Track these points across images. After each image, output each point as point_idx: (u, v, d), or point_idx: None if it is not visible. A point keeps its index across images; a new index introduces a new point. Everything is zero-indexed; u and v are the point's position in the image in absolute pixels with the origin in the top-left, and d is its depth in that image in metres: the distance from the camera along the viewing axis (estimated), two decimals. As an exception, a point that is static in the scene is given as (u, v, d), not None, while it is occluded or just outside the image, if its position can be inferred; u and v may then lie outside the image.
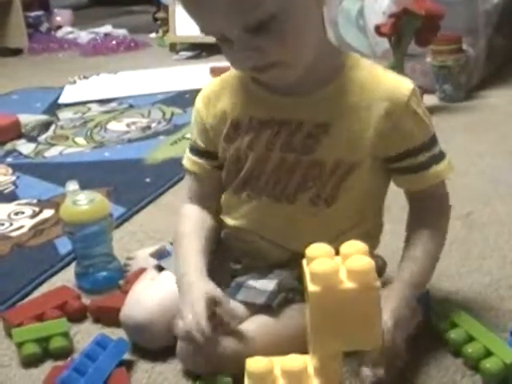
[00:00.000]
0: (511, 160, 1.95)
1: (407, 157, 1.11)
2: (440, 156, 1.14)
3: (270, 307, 1.12)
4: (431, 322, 1.20)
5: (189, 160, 1.26)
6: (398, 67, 2.37)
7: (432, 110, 2.44)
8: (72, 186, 1.42)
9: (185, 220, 1.24)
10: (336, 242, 1.12)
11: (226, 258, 1.24)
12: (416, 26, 2.29)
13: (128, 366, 1.18)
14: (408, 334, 1.14)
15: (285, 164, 1.13)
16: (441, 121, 2.34)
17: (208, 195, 1.26)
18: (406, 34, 2.31)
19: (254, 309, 1.13)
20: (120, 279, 1.43)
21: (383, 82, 1.10)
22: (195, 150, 1.25)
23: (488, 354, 1.10)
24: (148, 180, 2.00)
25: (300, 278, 1.11)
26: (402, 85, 1.10)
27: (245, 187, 1.18)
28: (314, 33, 1.07)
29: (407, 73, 2.46)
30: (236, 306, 1.12)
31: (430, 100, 2.51)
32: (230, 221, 1.21)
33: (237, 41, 1.02)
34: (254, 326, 1.11)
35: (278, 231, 1.16)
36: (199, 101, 1.22)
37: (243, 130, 1.16)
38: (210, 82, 1.24)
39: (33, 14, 4.49)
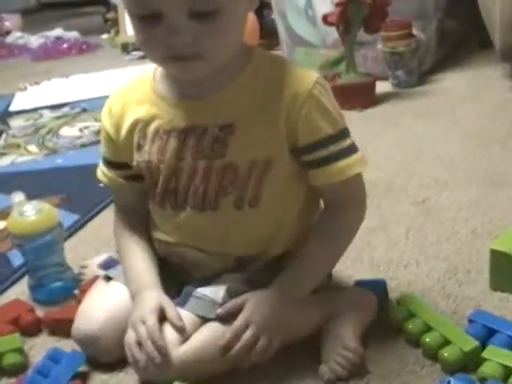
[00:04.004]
0: (465, 144, 1.96)
1: (313, 149, 1.09)
2: (350, 150, 1.11)
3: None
4: (388, 312, 1.19)
5: (101, 172, 1.26)
6: (348, 56, 2.38)
7: (385, 96, 2.45)
8: (18, 197, 1.39)
9: (121, 233, 1.24)
10: (273, 239, 1.14)
11: (170, 268, 1.22)
12: (363, 14, 2.28)
13: (84, 378, 1.16)
14: (363, 327, 1.15)
15: (198, 172, 1.11)
16: (394, 107, 2.36)
17: (130, 206, 1.25)
18: (353, 22, 2.30)
19: (205, 318, 1.11)
20: (75, 289, 1.41)
21: (288, 76, 1.09)
22: (106, 162, 1.24)
23: (446, 342, 1.09)
24: (102, 185, 1.96)
25: (249, 281, 1.11)
26: (306, 76, 1.10)
27: (165, 200, 1.16)
28: (241, 32, 1.08)
29: (359, 61, 2.46)
30: (185, 317, 1.10)
31: (383, 87, 2.52)
32: (163, 236, 1.19)
33: (175, 23, 1.00)
34: (206, 335, 1.09)
35: (212, 240, 1.14)
36: (104, 115, 1.21)
37: (150, 141, 1.14)
38: (113, 95, 1.21)
39: (-20, 20, 4.43)
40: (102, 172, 1.25)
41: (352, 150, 1.12)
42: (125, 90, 1.20)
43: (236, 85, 1.10)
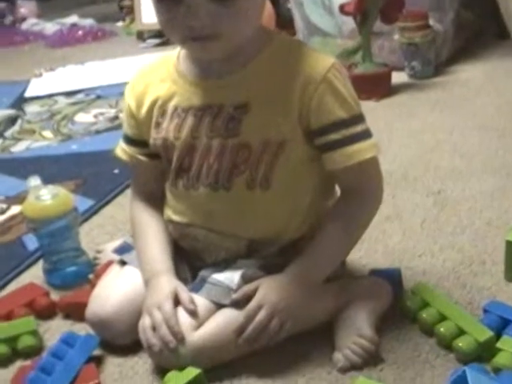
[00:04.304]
0: (482, 135, 1.94)
1: (325, 132, 1.10)
2: (362, 135, 1.11)
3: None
4: (403, 302, 1.19)
5: (121, 149, 1.26)
6: (364, 46, 2.36)
7: (401, 87, 2.44)
8: (34, 181, 1.39)
9: (137, 216, 1.25)
10: (287, 223, 1.14)
11: (184, 253, 1.22)
12: (380, 4, 2.26)
13: (98, 361, 1.16)
14: (378, 316, 1.14)
15: (212, 150, 1.12)
16: (410, 98, 2.34)
17: (147, 186, 1.25)
18: (370, 12, 2.29)
19: (220, 304, 1.12)
20: (90, 273, 1.41)
21: (304, 60, 1.10)
22: (127, 139, 1.25)
23: (461, 332, 1.09)
24: (116, 171, 1.97)
25: (264, 267, 1.11)
26: (322, 61, 1.10)
27: (179, 177, 1.17)
28: (258, 16, 1.10)
29: (375, 51, 2.45)
30: (200, 303, 1.11)
31: (399, 77, 2.50)
32: (176, 217, 1.20)
33: (194, 5, 1.02)
34: (220, 320, 1.09)
35: (224, 221, 1.15)
36: (128, 91, 1.23)
37: (168, 118, 1.16)
38: (137, 73, 1.24)
39: (-4, 6, 4.43)
40: (122, 149, 1.26)
41: (365, 135, 1.12)
42: (149, 68, 1.22)
43: (253, 66, 1.11)
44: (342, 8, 2.34)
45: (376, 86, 2.34)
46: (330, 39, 2.72)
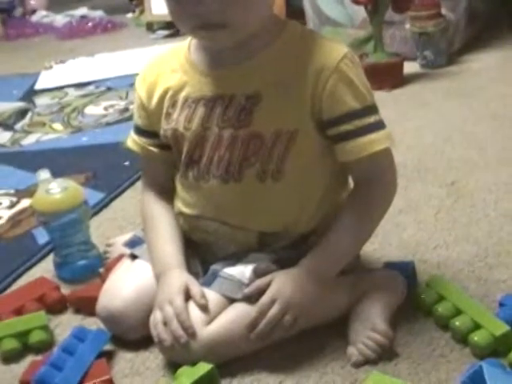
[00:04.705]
0: (495, 125, 1.92)
1: (338, 123, 1.08)
2: (376, 126, 1.09)
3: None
4: (417, 295, 1.17)
5: (131, 140, 1.25)
6: (376, 36, 2.34)
7: (413, 77, 2.42)
8: (43, 174, 1.39)
9: (147, 209, 1.23)
10: (298, 216, 1.12)
11: (195, 247, 1.21)
12: (392, -7, 2.24)
13: (109, 356, 1.15)
14: (392, 310, 1.13)
15: (223, 141, 1.11)
16: (422, 87, 2.32)
17: (158, 178, 1.24)
18: (382, 1, 2.27)
19: (232, 299, 1.10)
20: (100, 267, 1.40)
21: (317, 49, 1.09)
22: (137, 130, 1.24)
23: (476, 326, 1.07)
24: (127, 163, 1.96)
25: (277, 261, 1.10)
26: (335, 50, 1.09)
27: (189, 169, 1.16)
28: (269, 5, 1.09)
29: (386, 41, 2.43)
30: (211, 297, 1.09)
31: (411, 67, 2.48)
32: (186, 210, 1.18)
33: None
34: (232, 315, 1.08)
35: (234, 213, 1.14)
36: (138, 82, 1.22)
37: (179, 109, 1.15)
38: (147, 64, 1.23)
39: (6, -1, 4.42)
40: (133, 140, 1.24)
41: (378, 126, 1.10)
42: (160, 58, 1.21)
43: (265, 56, 1.09)
44: (353, -3, 2.32)
45: (388, 75, 2.32)
46: (340, 29, 2.70)
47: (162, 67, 1.18)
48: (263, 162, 1.10)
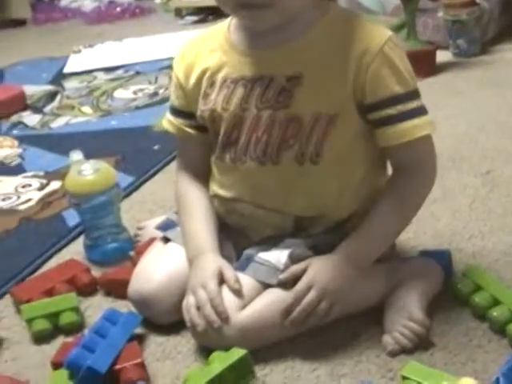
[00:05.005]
0: (529, 115, 1.89)
1: (380, 107, 1.06)
2: (418, 111, 1.08)
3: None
4: (453, 285, 1.15)
5: (167, 120, 1.24)
6: (409, 23, 2.31)
7: (446, 66, 2.39)
8: (76, 155, 1.38)
9: (182, 192, 1.22)
10: (336, 201, 1.11)
11: (229, 230, 1.19)
12: (427, -20, 2.21)
13: (140, 339, 1.14)
14: (429, 299, 1.11)
15: (261, 122, 1.10)
16: (456, 76, 2.29)
17: (194, 160, 1.23)
18: (417, -12, 2.24)
19: (266, 284, 1.09)
20: (130, 250, 1.39)
21: (360, 32, 1.07)
22: (173, 110, 1.22)
23: (515, 317, 1.06)
24: (156, 147, 1.95)
25: (313, 246, 1.08)
26: (378, 33, 1.07)
27: (226, 150, 1.14)
28: None
29: (419, 29, 2.39)
30: (246, 282, 1.08)
31: (444, 56, 2.44)
32: (221, 191, 1.17)
33: None
34: (267, 300, 1.07)
35: (271, 196, 1.12)
36: (176, 61, 1.20)
37: (217, 89, 1.13)
38: (186, 43, 1.21)
39: (35, -17, 4.41)
40: (169, 121, 1.23)
41: (421, 111, 1.08)
42: (199, 38, 1.20)
43: (307, 37, 1.08)
44: (387, -16, 2.29)
45: (421, 64, 2.27)
46: (372, 16, 2.66)
47: (201, 47, 1.17)
48: (302, 145, 1.08)
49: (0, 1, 4.09)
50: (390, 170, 1.17)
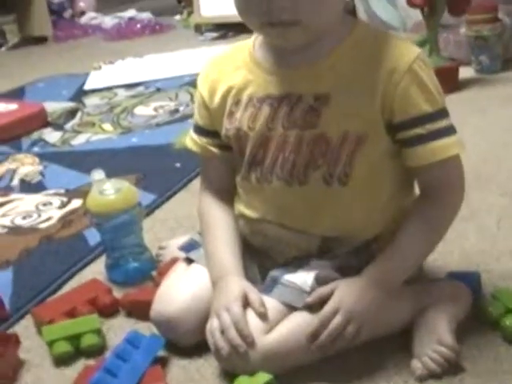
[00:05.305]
0: (553, 132, 1.87)
1: (409, 127, 1.04)
2: (447, 131, 1.06)
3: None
4: (484, 307, 1.13)
5: (191, 139, 1.22)
6: (431, 39, 2.30)
7: (468, 82, 2.37)
8: (97, 174, 1.36)
9: (205, 212, 1.21)
10: (363, 221, 1.09)
11: (254, 252, 1.18)
12: (449, -4, 2.19)
13: (163, 362, 1.13)
14: (458, 322, 1.09)
15: (288, 142, 1.08)
16: (478, 93, 2.27)
17: (218, 179, 1.21)
18: (438, 4, 2.22)
19: (292, 307, 1.07)
20: (152, 270, 1.38)
21: (389, 49, 1.05)
22: (198, 129, 1.21)
23: (547, 341, 1.03)
24: (178, 165, 1.94)
25: (339, 268, 1.06)
26: (407, 51, 1.05)
27: (252, 170, 1.13)
28: (339, 3, 1.05)
29: (440, 45, 2.38)
30: (271, 305, 1.06)
31: (466, 72, 2.43)
32: (248, 212, 1.16)
33: None
34: (293, 324, 1.05)
35: (298, 216, 1.11)
36: (200, 80, 1.19)
37: (243, 108, 1.12)
38: (210, 61, 1.20)
39: (56, 0, 4.43)
40: (193, 139, 1.22)
41: (450, 131, 1.06)
42: (223, 56, 1.19)
43: (335, 55, 1.06)
44: (409, 0, 2.28)
45: (443, 80, 2.23)
46: (393, 32, 2.65)
47: (225, 65, 1.16)
48: (330, 165, 1.06)
49: (22, 18, 4.12)
50: (417, 190, 1.15)
